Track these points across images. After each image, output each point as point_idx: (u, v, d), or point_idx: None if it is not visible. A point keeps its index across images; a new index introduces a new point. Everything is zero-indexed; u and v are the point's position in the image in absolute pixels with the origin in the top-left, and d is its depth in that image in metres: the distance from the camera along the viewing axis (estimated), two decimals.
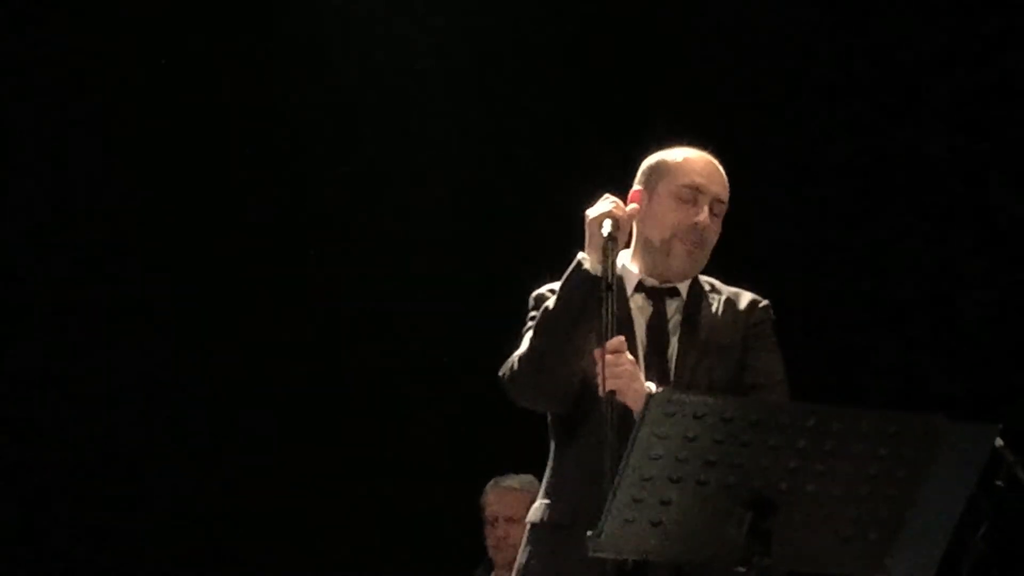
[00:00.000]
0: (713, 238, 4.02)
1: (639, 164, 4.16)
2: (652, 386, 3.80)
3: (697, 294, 4.03)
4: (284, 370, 7.24)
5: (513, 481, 6.24)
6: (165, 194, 7.23)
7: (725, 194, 4.04)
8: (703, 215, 3.98)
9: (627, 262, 4.05)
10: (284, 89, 7.36)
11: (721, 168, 4.08)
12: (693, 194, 3.99)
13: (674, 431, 3.32)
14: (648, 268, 4.01)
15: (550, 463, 4.02)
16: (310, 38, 7.35)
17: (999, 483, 5.35)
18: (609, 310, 3.75)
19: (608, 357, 3.72)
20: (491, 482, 6.35)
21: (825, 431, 3.37)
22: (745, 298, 4.09)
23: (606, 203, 3.87)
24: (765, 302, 4.09)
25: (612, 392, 3.72)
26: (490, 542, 6.28)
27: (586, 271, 3.81)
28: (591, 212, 3.86)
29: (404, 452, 7.20)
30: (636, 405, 3.71)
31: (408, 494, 7.10)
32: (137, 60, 7.22)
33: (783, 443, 3.35)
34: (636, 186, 4.07)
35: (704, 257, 4.02)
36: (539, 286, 4.07)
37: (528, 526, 4.02)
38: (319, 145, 7.38)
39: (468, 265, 7.06)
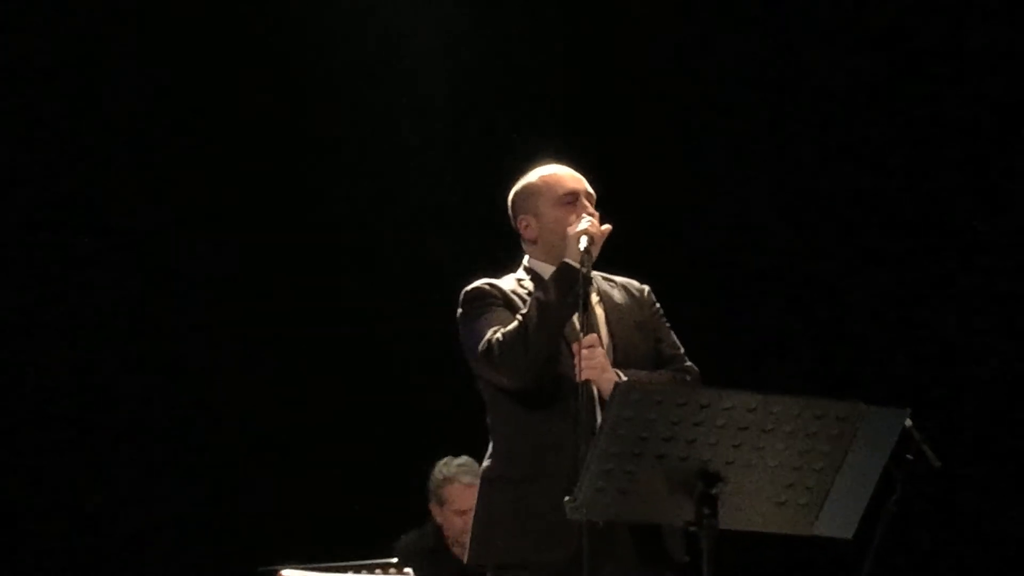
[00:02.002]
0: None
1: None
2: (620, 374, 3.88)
3: (600, 283, 4.12)
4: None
5: (469, 473, 5.78)
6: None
7: (590, 188, 4.14)
8: (589, 209, 4.07)
9: (538, 268, 4.12)
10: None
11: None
12: (573, 197, 4.09)
13: (637, 414, 3.37)
14: None
15: (502, 428, 4.03)
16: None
17: (909, 457, 5.47)
18: (586, 310, 3.86)
19: (584, 351, 3.82)
20: (446, 471, 5.97)
21: (764, 413, 3.42)
22: (633, 283, 4.20)
23: (584, 222, 3.96)
24: (647, 286, 4.21)
25: (587, 380, 3.84)
26: (458, 528, 5.84)
27: (581, 272, 3.86)
28: (571, 229, 3.95)
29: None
30: (606, 391, 3.81)
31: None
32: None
33: (728, 423, 3.41)
34: (521, 216, 4.15)
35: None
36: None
37: (486, 481, 4.03)
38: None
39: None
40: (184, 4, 7.01)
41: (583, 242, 3.89)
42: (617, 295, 4.15)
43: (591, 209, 4.08)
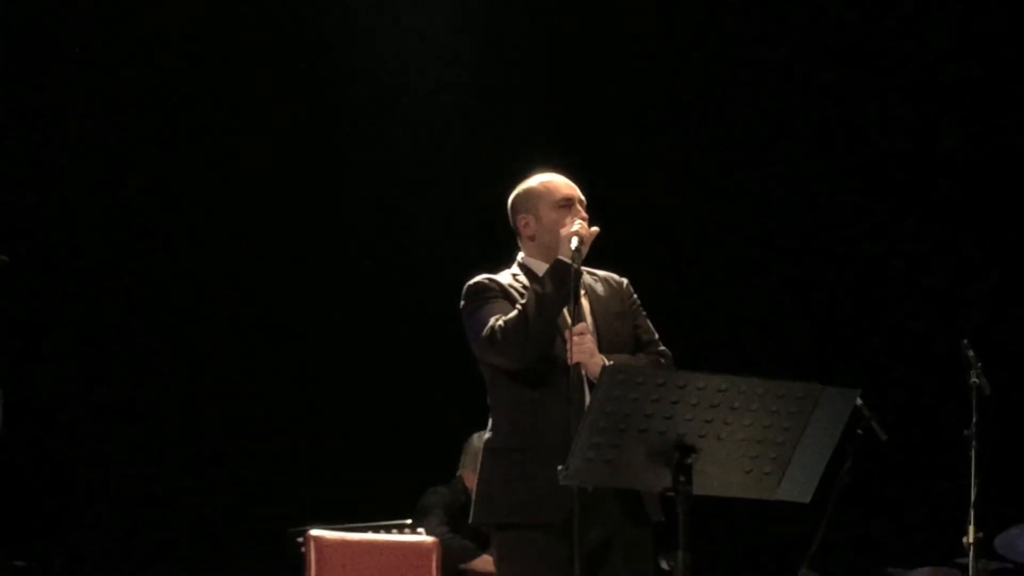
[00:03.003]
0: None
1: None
2: (605, 359, 3.90)
3: (586, 278, 4.12)
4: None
5: None
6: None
7: (582, 195, 4.16)
8: (582, 213, 4.09)
9: (531, 264, 4.13)
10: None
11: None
12: (568, 202, 4.10)
13: (622, 393, 3.40)
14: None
15: (501, 405, 4.03)
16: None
17: (859, 431, 5.53)
18: (576, 302, 3.89)
19: (575, 338, 3.86)
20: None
21: (733, 393, 3.45)
22: (613, 277, 4.21)
23: (575, 224, 3.97)
24: (626, 279, 4.22)
25: (578, 364, 3.87)
26: None
27: (573, 268, 3.88)
28: (564, 231, 3.97)
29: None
30: (594, 373, 3.85)
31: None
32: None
33: (701, 401, 3.44)
34: (521, 215, 4.15)
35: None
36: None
37: (488, 451, 4.03)
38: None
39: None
40: (206, 18, 6.99)
41: (574, 242, 3.92)
42: (600, 288, 4.16)
43: (583, 214, 4.09)
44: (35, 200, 6.84)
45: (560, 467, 3.50)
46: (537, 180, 4.19)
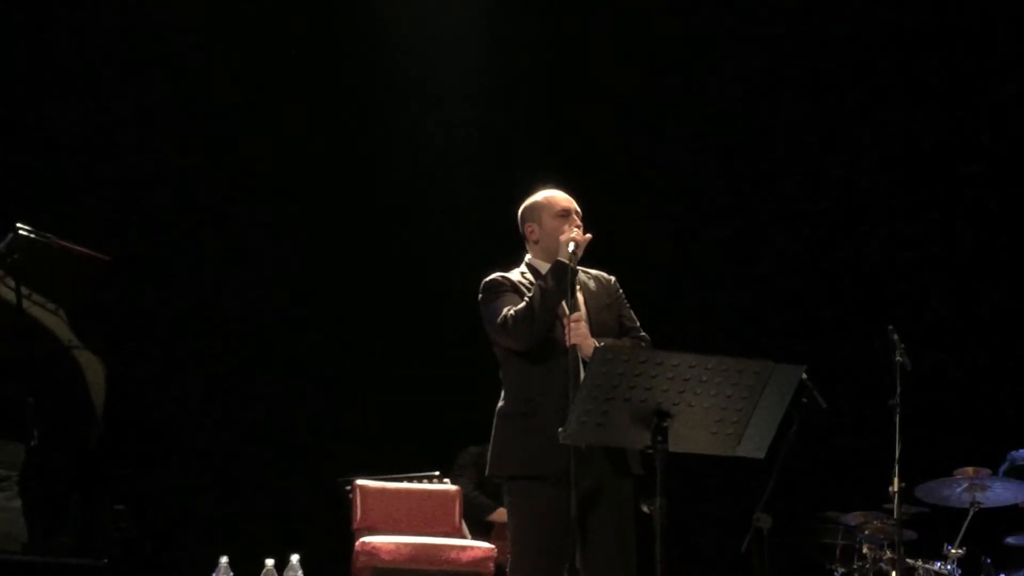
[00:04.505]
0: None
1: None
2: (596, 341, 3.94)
3: (580, 275, 4.13)
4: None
5: None
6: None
7: (578, 208, 4.16)
8: (578, 222, 4.11)
9: (536, 264, 4.14)
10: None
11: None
12: (566, 213, 4.11)
13: (610, 369, 3.46)
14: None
15: (511, 379, 4.03)
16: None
17: (804, 400, 5.54)
18: (573, 295, 3.94)
19: (572, 324, 3.90)
20: None
21: (701, 369, 3.49)
22: (603, 275, 4.22)
23: (572, 232, 4.01)
24: (614, 277, 4.21)
25: (574, 345, 3.90)
26: None
27: (570, 268, 3.92)
28: (563, 237, 4.00)
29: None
30: (587, 353, 3.88)
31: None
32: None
33: (675, 375, 3.48)
34: (527, 224, 4.16)
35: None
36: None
37: (500, 416, 4.04)
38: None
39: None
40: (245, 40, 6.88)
41: (571, 246, 3.97)
42: (592, 284, 4.19)
43: (578, 222, 4.12)
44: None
45: (560, 429, 3.56)
46: (541, 195, 4.22)
